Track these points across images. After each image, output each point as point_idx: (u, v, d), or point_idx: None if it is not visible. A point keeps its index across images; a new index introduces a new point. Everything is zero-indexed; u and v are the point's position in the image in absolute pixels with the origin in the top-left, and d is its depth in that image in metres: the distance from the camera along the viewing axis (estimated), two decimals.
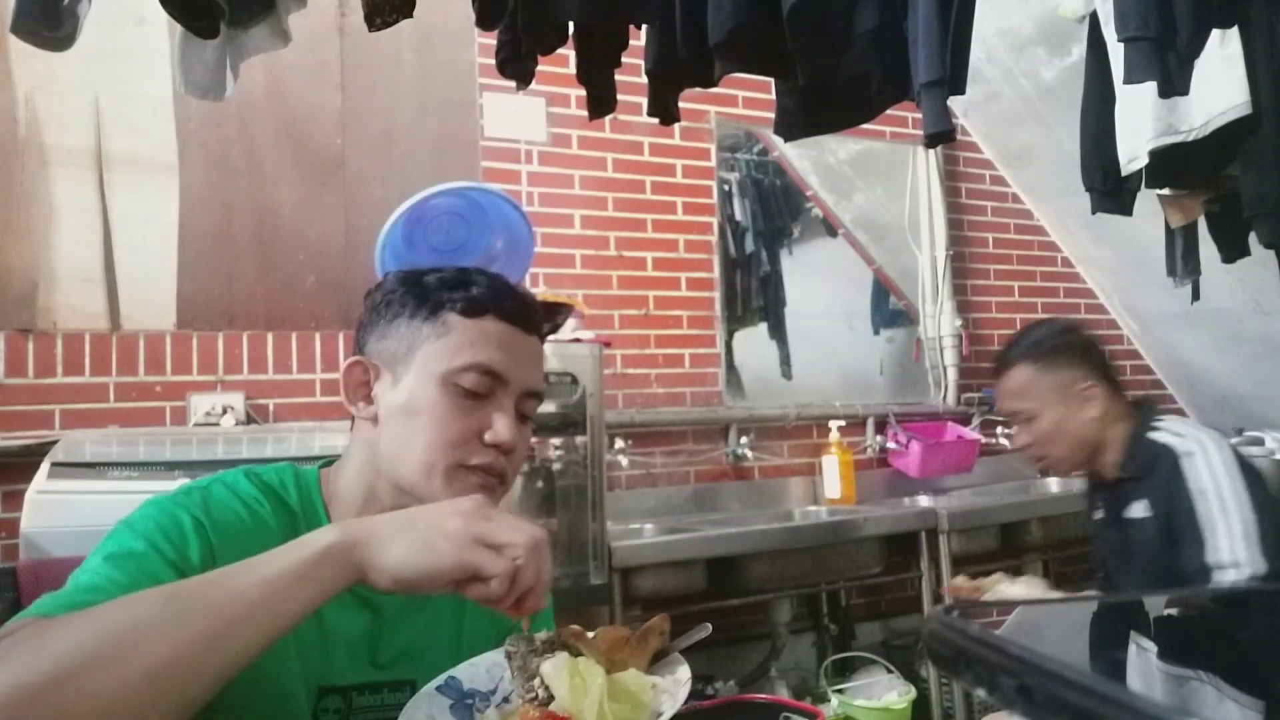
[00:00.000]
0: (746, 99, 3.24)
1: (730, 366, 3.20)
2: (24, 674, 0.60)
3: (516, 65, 1.76)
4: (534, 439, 2.21)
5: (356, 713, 0.90)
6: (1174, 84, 1.66)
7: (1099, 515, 1.87)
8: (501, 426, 0.91)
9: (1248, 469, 1.59)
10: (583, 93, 1.84)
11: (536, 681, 0.71)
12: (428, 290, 0.95)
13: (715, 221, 3.21)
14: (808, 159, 3.45)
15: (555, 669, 0.71)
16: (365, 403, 0.95)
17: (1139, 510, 1.70)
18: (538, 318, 0.98)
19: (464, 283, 0.95)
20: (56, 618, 0.68)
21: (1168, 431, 1.70)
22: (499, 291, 0.95)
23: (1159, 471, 1.66)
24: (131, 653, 0.62)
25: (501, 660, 0.80)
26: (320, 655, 0.88)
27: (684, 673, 0.75)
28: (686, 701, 0.70)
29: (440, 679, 0.81)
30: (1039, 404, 1.78)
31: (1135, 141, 2.09)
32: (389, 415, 0.93)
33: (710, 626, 0.81)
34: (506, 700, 0.78)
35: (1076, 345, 1.82)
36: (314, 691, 0.89)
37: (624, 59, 1.78)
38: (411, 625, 0.94)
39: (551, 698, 0.70)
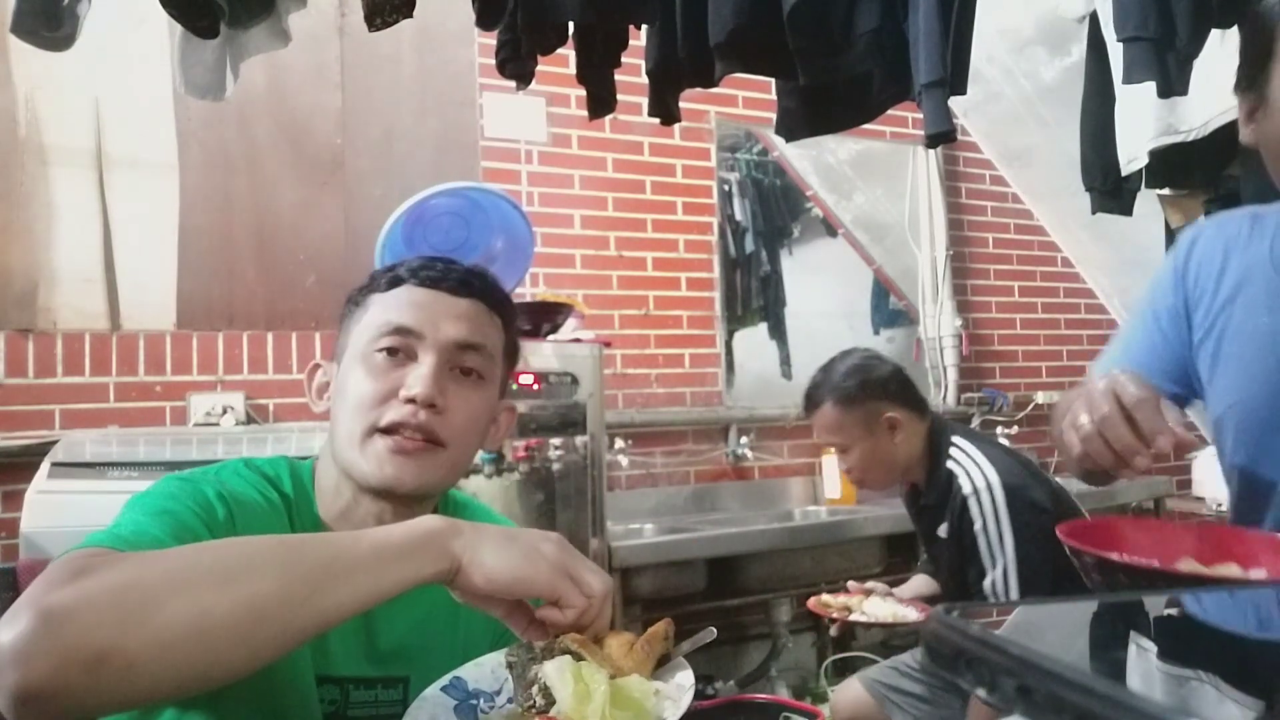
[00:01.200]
0: (746, 99, 3.24)
1: (730, 366, 3.20)
2: (133, 578, 0.62)
3: (516, 65, 1.76)
4: (534, 439, 2.21)
5: (353, 706, 0.90)
6: (1173, 84, 1.66)
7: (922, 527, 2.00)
8: (413, 378, 0.89)
9: (1019, 505, 1.71)
10: (583, 93, 1.84)
11: (535, 689, 0.71)
12: (366, 283, 0.98)
13: (715, 221, 3.21)
14: (808, 159, 3.45)
15: (558, 672, 0.70)
16: (325, 401, 0.98)
17: (943, 531, 1.84)
18: (465, 280, 0.96)
19: (393, 267, 0.98)
20: (167, 550, 0.69)
21: (956, 462, 1.81)
22: (421, 264, 0.97)
23: (952, 502, 1.79)
24: (244, 580, 0.63)
25: (504, 661, 0.79)
26: (317, 641, 0.88)
27: (687, 678, 0.74)
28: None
29: (445, 679, 0.80)
30: (848, 438, 1.89)
31: (1135, 141, 2.09)
32: (332, 403, 0.96)
33: (715, 631, 0.81)
34: (511, 701, 0.78)
35: (875, 380, 1.92)
36: (313, 681, 0.89)
37: (624, 59, 1.78)
38: (406, 621, 0.94)
39: (550, 704, 0.70)
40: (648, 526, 2.80)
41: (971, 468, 1.77)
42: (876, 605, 1.89)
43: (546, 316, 2.34)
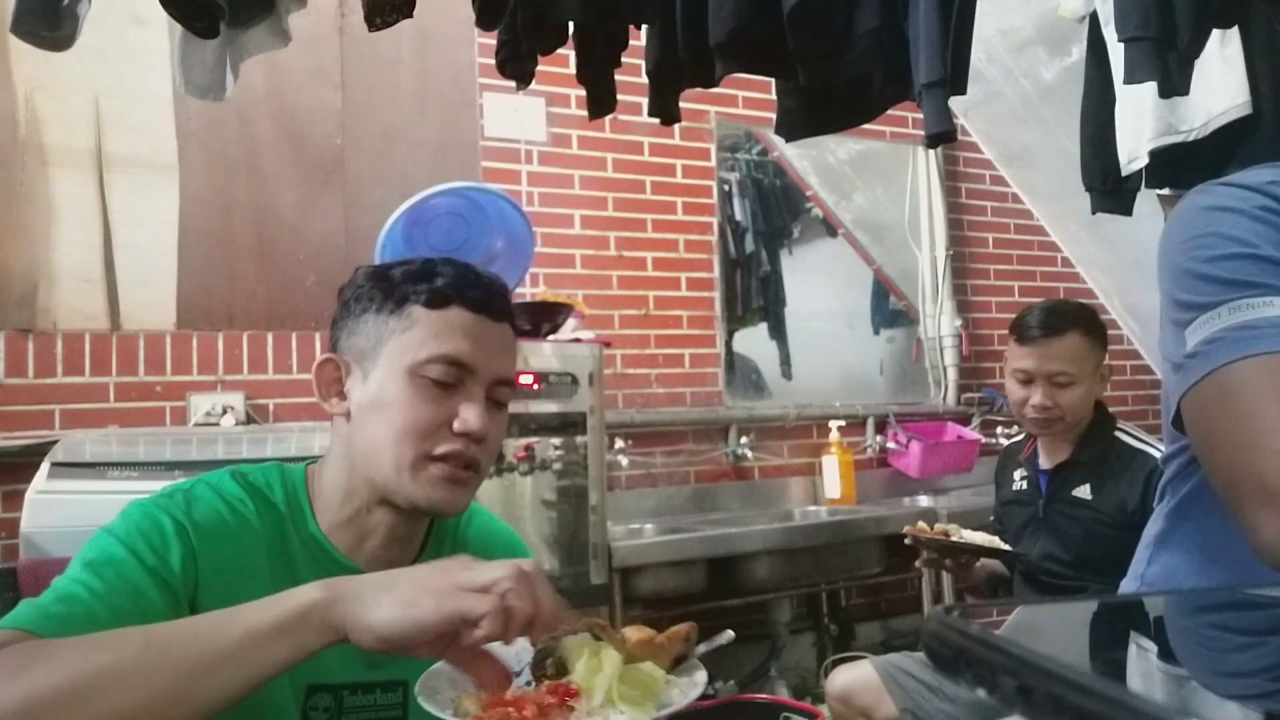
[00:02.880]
0: (746, 99, 3.24)
1: (730, 367, 3.20)
2: (6, 699, 0.63)
3: (516, 65, 1.75)
4: (534, 439, 2.22)
5: (348, 712, 0.90)
6: (1174, 84, 1.66)
7: (1021, 487, 2.05)
8: (470, 415, 0.90)
9: None
10: (583, 93, 1.83)
11: (549, 662, 0.73)
12: (393, 283, 0.94)
13: (715, 221, 3.21)
14: (808, 159, 3.45)
15: (575, 644, 0.73)
16: (339, 399, 0.95)
17: (1084, 492, 1.89)
18: (505, 304, 0.97)
19: (428, 274, 0.94)
20: (38, 643, 0.70)
21: (1136, 438, 1.90)
22: (464, 280, 0.94)
23: (1119, 467, 1.85)
24: (105, 695, 0.64)
25: (525, 644, 0.80)
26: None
27: (701, 677, 0.76)
28: (670, 711, 0.71)
29: None
30: (1080, 372, 1.89)
31: (1135, 141, 2.09)
32: (360, 411, 0.92)
33: (733, 633, 0.81)
34: (530, 684, 0.79)
35: (1105, 331, 1.97)
36: (301, 689, 0.88)
37: (624, 59, 1.78)
38: None
39: (560, 674, 0.72)
40: (648, 526, 2.80)
41: (1152, 446, 1.86)
42: (971, 534, 1.90)
43: (546, 316, 2.34)
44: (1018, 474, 2.07)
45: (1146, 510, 1.81)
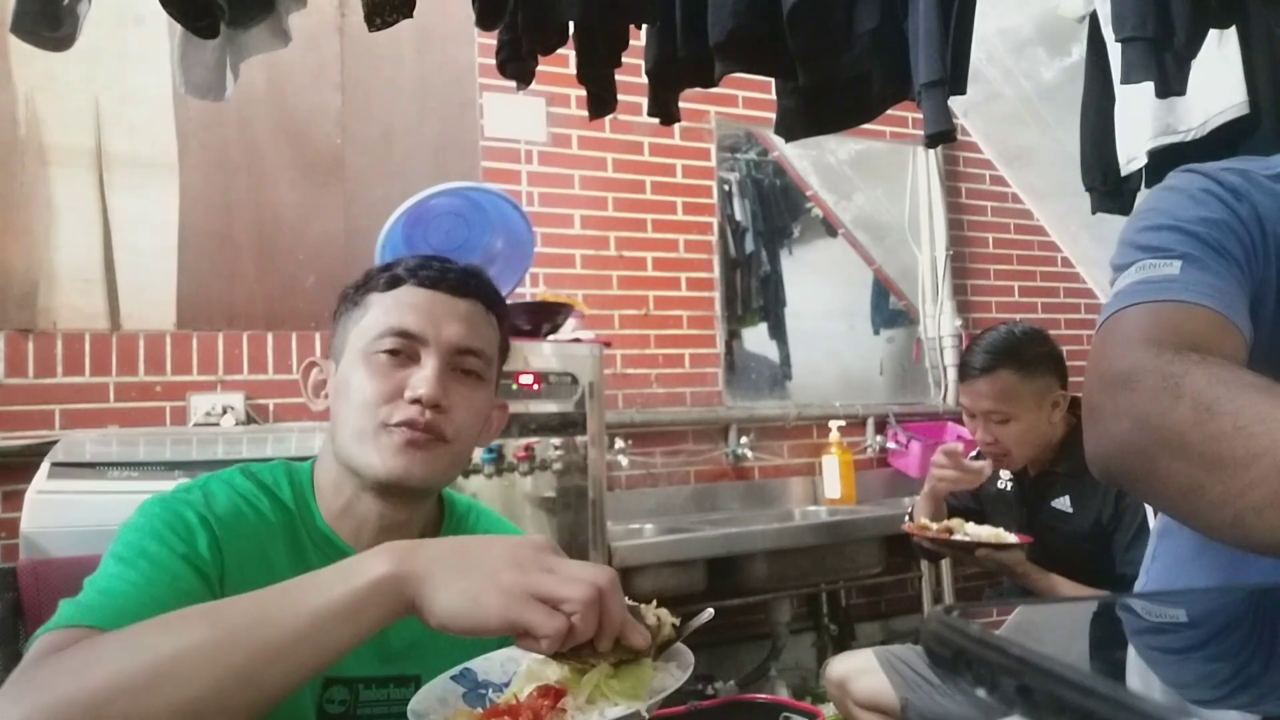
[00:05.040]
0: (746, 99, 3.24)
1: (730, 367, 3.20)
2: (73, 692, 0.62)
3: (516, 65, 1.76)
4: (534, 439, 2.21)
5: (363, 705, 0.91)
6: (1171, 84, 1.66)
7: (1006, 488, 2.01)
8: (418, 379, 0.91)
9: None
10: (583, 93, 1.84)
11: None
12: (361, 282, 0.99)
13: (715, 221, 3.21)
14: (808, 159, 3.45)
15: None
16: (323, 398, 0.99)
17: (1064, 504, 1.86)
18: (469, 282, 0.97)
19: (390, 266, 0.98)
20: (99, 637, 0.68)
21: None
22: (420, 263, 0.97)
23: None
24: (176, 681, 0.62)
25: (515, 654, 0.80)
26: None
27: (688, 658, 0.76)
28: (688, 703, 0.71)
29: (455, 670, 0.82)
30: (1017, 409, 1.85)
31: (1134, 141, 2.09)
32: (332, 401, 0.96)
33: (712, 610, 0.80)
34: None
35: (1053, 355, 1.90)
36: (318, 682, 0.89)
37: (624, 59, 1.78)
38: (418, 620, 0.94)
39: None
40: (648, 526, 2.80)
41: None
42: (975, 528, 1.86)
43: (546, 316, 2.34)
44: (1004, 472, 2.05)
45: (1118, 518, 1.80)
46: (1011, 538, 1.82)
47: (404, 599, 0.66)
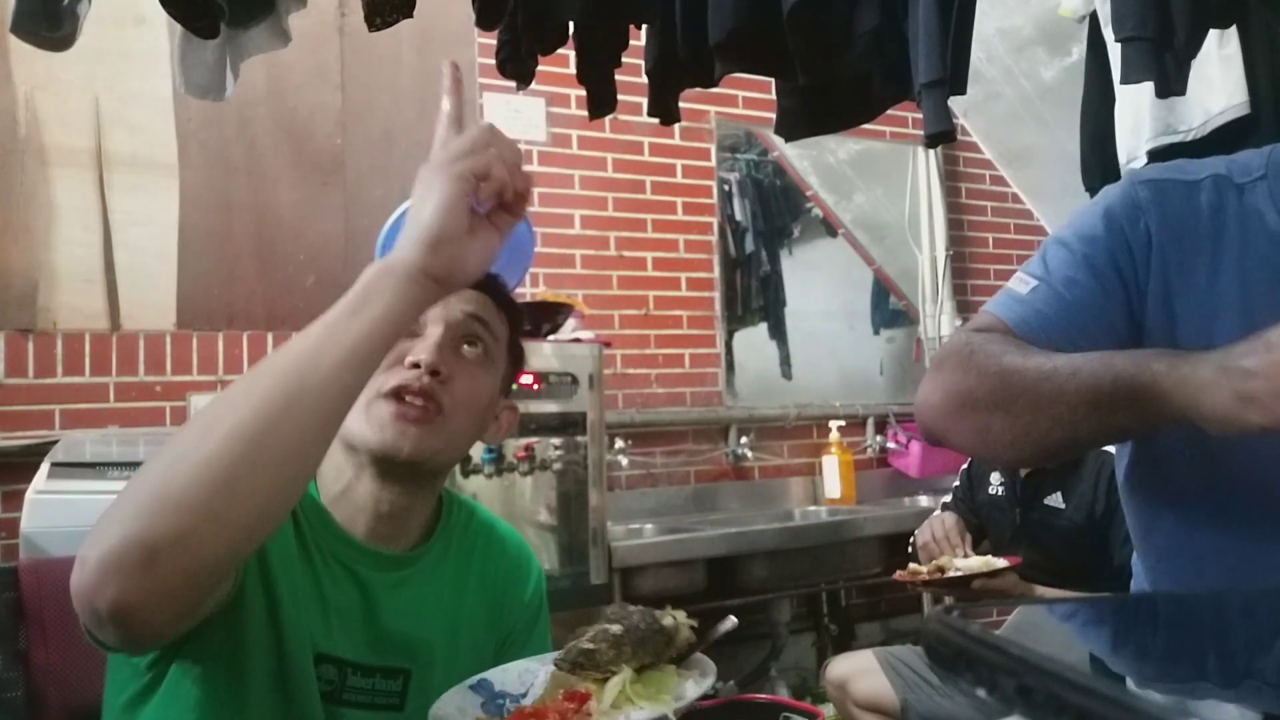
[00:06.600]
0: (746, 99, 3.24)
1: (730, 367, 3.20)
2: (142, 474, 0.66)
3: (516, 65, 1.76)
4: (534, 439, 2.21)
5: (348, 690, 0.91)
6: (1171, 84, 1.66)
7: (999, 492, 2.04)
8: (420, 346, 0.91)
9: None
10: (583, 93, 1.83)
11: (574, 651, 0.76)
12: None
13: (715, 221, 3.21)
14: (808, 159, 3.46)
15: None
16: None
17: (1056, 500, 1.90)
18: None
19: None
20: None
21: None
22: None
23: (1085, 471, 1.85)
24: (224, 418, 0.66)
25: (532, 667, 0.83)
26: (320, 621, 0.89)
27: (710, 666, 0.78)
28: (688, 702, 0.72)
29: (472, 680, 0.83)
30: None
31: (1134, 141, 2.09)
32: None
33: (735, 620, 0.82)
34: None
35: None
36: (309, 657, 0.89)
37: (624, 59, 1.78)
38: (402, 609, 0.94)
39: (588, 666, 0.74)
40: (648, 526, 2.80)
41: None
42: (964, 561, 1.88)
43: (546, 316, 2.34)
44: (994, 476, 2.07)
45: (1111, 510, 1.82)
46: (1001, 562, 1.82)
47: (390, 265, 0.71)
